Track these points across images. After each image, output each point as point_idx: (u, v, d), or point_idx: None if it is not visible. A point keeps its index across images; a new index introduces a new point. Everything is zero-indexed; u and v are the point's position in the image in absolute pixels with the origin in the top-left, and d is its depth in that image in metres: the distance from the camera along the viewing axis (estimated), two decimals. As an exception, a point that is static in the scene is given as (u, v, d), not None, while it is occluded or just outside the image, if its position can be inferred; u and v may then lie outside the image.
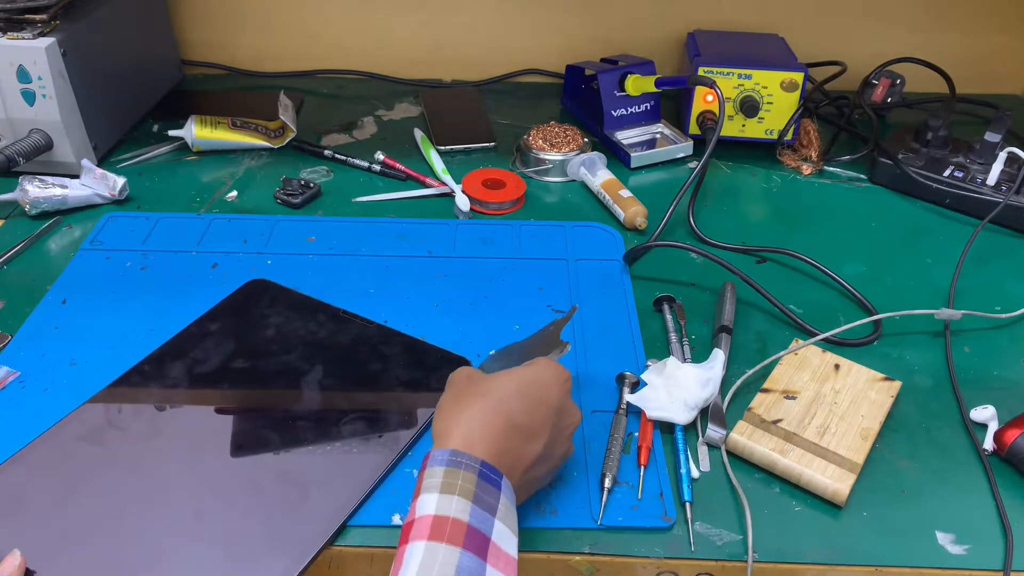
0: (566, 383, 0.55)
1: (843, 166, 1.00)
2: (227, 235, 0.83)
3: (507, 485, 0.49)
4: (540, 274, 0.79)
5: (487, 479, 0.48)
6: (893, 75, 1.10)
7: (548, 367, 0.55)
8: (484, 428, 0.50)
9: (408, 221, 0.87)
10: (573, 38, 1.18)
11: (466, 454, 0.48)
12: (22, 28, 0.84)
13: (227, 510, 0.54)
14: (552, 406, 0.53)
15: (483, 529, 0.46)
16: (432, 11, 1.16)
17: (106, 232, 0.83)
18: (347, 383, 0.65)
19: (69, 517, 0.53)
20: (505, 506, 0.48)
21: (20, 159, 0.84)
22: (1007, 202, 0.87)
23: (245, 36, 1.18)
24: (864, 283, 0.79)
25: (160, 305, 0.73)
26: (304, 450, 0.59)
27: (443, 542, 0.44)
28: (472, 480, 0.47)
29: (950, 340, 0.73)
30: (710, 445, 0.62)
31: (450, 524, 0.45)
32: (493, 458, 0.49)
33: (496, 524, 0.47)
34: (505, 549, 0.46)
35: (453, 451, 0.48)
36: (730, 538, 0.55)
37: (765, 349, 0.71)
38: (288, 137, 0.99)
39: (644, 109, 1.03)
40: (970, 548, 0.55)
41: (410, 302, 0.75)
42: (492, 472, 0.48)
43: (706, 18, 1.15)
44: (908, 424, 0.65)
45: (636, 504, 0.57)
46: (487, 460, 0.49)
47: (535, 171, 0.97)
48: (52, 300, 0.74)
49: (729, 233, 0.86)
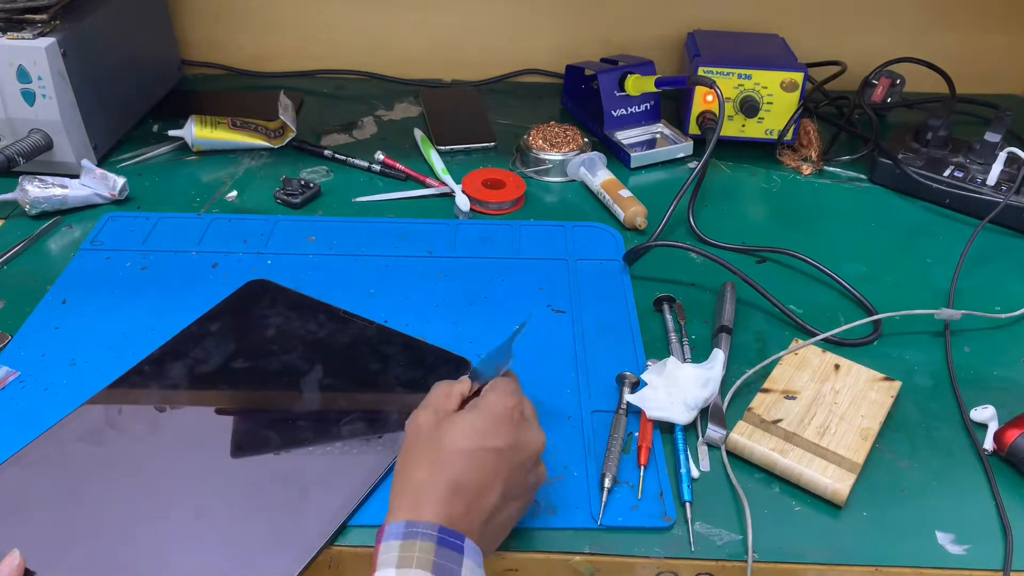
0: (512, 413, 0.52)
1: (843, 166, 1.00)
2: (227, 235, 0.83)
3: (470, 546, 0.47)
4: (540, 274, 0.79)
5: (447, 544, 0.46)
6: (893, 75, 1.10)
7: (493, 405, 0.52)
8: (430, 496, 0.48)
9: (408, 221, 0.87)
10: (573, 38, 1.18)
11: (421, 522, 0.46)
12: (22, 28, 0.84)
13: (227, 510, 0.54)
14: (500, 450, 0.50)
15: None
16: (432, 11, 1.16)
17: (106, 232, 0.83)
18: (347, 383, 0.65)
19: (68, 517, 0.53)
20: (469, 568, 0.46)
21: (20, 159, 0.84)
22: (1007, 202, 0.87)
23: (245, 36, 1.18)
24: (864, 283, 0.79)
25: (160, 305, 0.73)
26: (304, 450, 0.59)
27: None
28: (430, 549, 0.45)
29: (950, 340, 0.73)
30: (710, 445, 0.62)
31: None
32: (445, 522, 0.47)
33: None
34: None
35: (408, 522, 0.46)
36: (730, 538, 0.55)
37: (765, 349, 0.71)
38: (288, 137, 0.99)
39: (644, 109, 1.03)
40: (970, 548, 0.55)
41: (410, 302, 0.75)
42: (451, 536, 0.46)
43: (706, 18, 1.15)
44: (908, 424, 0.65)
45: (636, 504, 0.57)
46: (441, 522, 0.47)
47: (535, 171, 0.97)
48: (52, 300, 0.73)
49: (729, 233, 0.86)
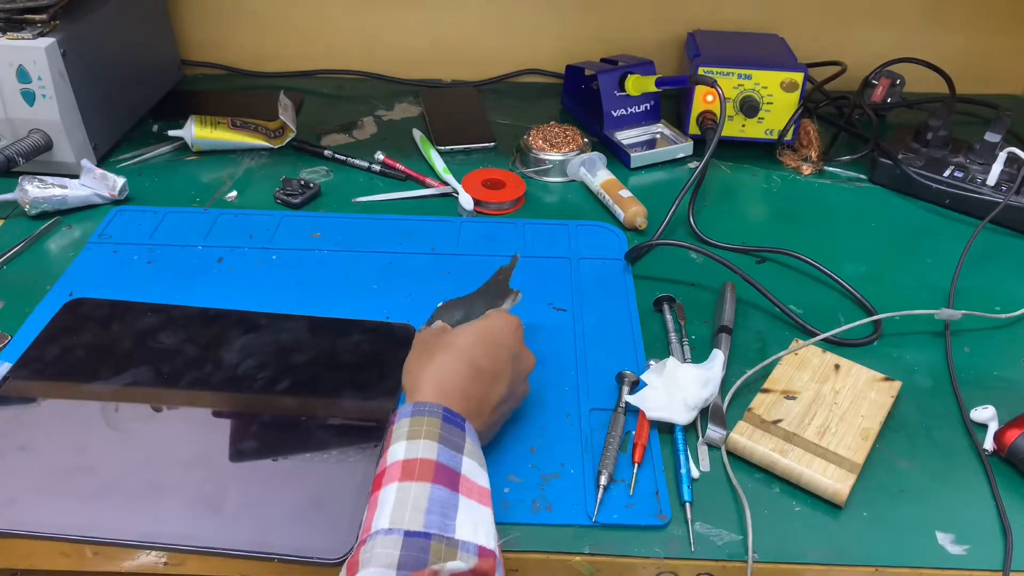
0: (518, 330, 0.60)
1: (843, 166, 1.00)
2: (233, 230, 0.84)
3: (470, 427, 0.52)
4: (542, 272, 0.79)
5: (450, 421, 0.51)
6: (893, 75, 1.10)
7: (501, 317, 0.60)
8: (452, 376, 0.54)
9: (412, 219, 0.87)
10: (573, 38, 1.17)
11: (428, 403, 0.51)
12: (22, 28, 0.84)
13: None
14: (510, 350, 0.58)
15: (452, 465, 0.48)
16: (432, 11, 1.16)
17: (114, 226, 0.84)
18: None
19: None
20: (471, 444, 0.51)
21: (20, 159, 0.84)
22: (1007, 202, 0.87)
23: (245, 36, 1.18)
24: (864, 283, 0.79)
25: (165, 299, 0.73)
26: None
27: (414, 481, 0.47)
28: (436, 424, 0.50)
29: (950, 340, 0.73)
30: (710, 445, 0.62)
31: (419, 464, 0.47)
32: (463, 402, 0.53)
33: (464, 460, 0.49)
34: (476, 481, 0.49)
35: (416, 403, 0.51)
36: (730, 538, 0.55)
37: (765, 349, 0.71)
38: (288, 137, 0.99)
39: (644, 109, 1.03)
40: (970, 548, 0.55)
41: (412, 299, 0.75)
42: (454, 416, 0.51)
43: (706, 18, 1.15)
44: (908, 424, 0.65)
45: (631, 502, 0.57)
46: (458, 406, 0.52)
47: (535, 171, 0.97)
48: (59, 292, 0.74)
49: (729, 233, 0.86)
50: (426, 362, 0.55)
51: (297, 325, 0.70)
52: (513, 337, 0.59)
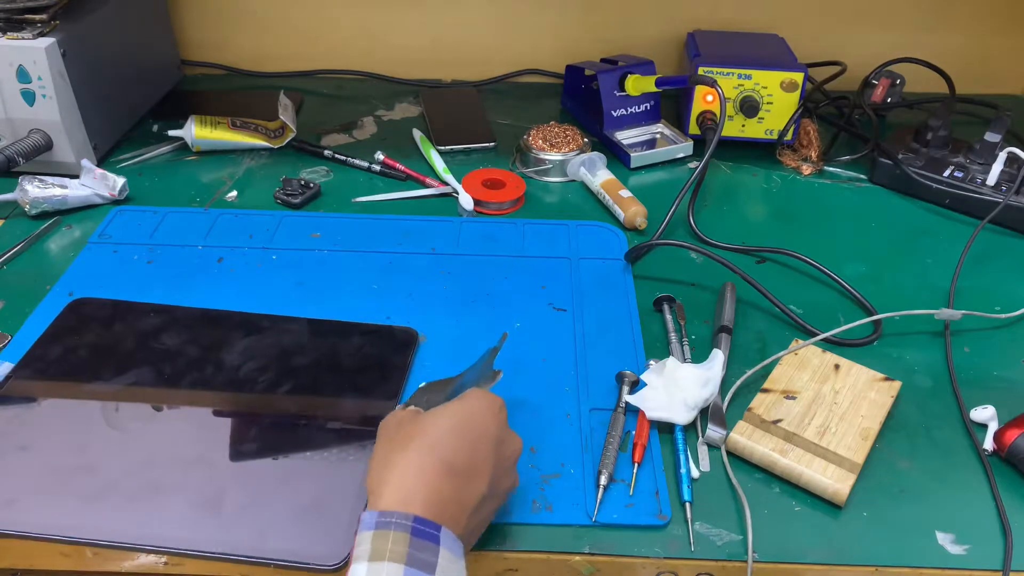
0: (501, 412, 0.52)
1: (843, 166, 1.00)
2: (233, 230, 0.84)
3: (448, 536, 0.45)
4: (543, 272, 0.79)
5: (422, 535, 0.44)
6: (893, 75, 1.10)
7: (481, 398, 0.52)
8: (419, 477, 0.46)
9: (412, 219, 0.87)
10: (573, 38, 1.17)
11: (396, 512, 0.44)
12: (22, 28, 0.84)
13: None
14: (491, 438, 0.50)
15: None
16: (432, 11, 1.16)
17: (114, 226, 0.84)
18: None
19: None
20: (447, 559, 0.44)
21: (20, 159, 0.84)
22: (1007, 202, 0.87)
23: (245, 36, 1.18)
24: (864, 283, 0.79)
25: (165, 299, 0.73)
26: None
27: None
28: (404, 540, 0.43)
29: (950, 340, 0.73)
30: (710, 445, 0.62)
31: None
32: (434, 508, 0.45)
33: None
34: None
35: (380, 512, 0.44)
36: (730, 538, 0.55)
37: (765, 349, 0.71)
38: (288, 137, 0.99)
39: (644, 109, 1.03)
40: (970, 548, 0.55)
41: (412, 299, 0.75)
42: (427, 526, 0.44)
43: (706, 18, 1.15)
44: (908, 424, 0.65)
45: (631, 502, 0.57)
46: (427, 512, 0.45)
47: (535, 171, 0.97)
48: (59, 292, 0.74)
49: (729, 233, 0.86)
50: (393, 457, 0.48)
51: (299, 327, 0.70)
52: (495, 421, 0.51)
